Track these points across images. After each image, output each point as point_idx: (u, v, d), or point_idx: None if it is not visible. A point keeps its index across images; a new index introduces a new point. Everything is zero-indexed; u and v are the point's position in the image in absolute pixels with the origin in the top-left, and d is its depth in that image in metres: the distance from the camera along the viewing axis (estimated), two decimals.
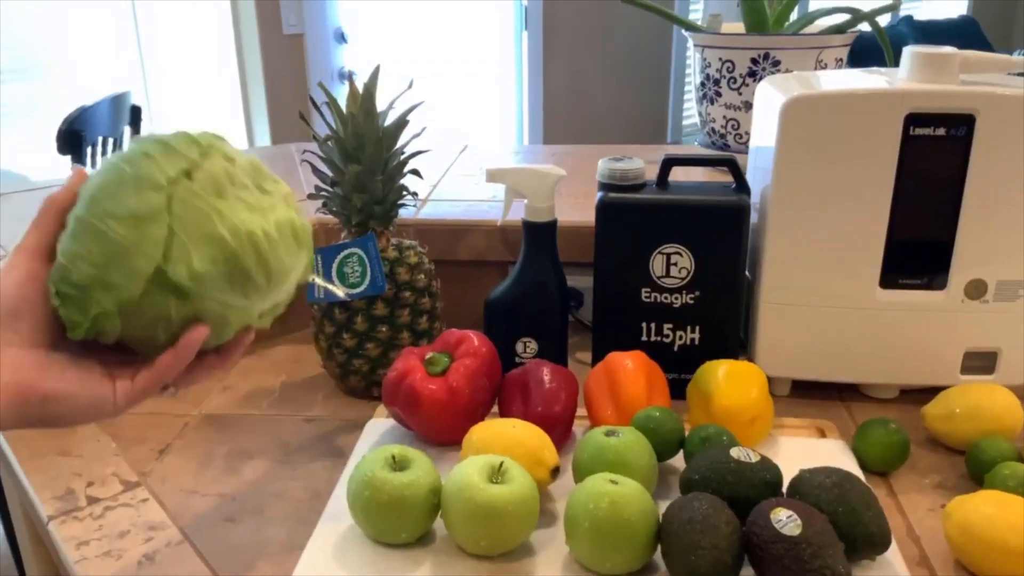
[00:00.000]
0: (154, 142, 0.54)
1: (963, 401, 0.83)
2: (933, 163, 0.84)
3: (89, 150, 2.55)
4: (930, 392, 0.87)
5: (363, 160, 0.86)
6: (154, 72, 3.37)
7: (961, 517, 0.67)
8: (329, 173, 0.90)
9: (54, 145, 2.42)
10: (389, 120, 0.88)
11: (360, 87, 0.86)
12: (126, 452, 0.86)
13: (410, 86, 0.89)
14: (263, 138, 3.24)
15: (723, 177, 0.93)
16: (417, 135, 0.90)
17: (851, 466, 0.79)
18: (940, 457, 0.83)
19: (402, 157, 0.90)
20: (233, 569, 0.69)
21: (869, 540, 0.64)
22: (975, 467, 0.78)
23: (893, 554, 0.67)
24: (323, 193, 0.91)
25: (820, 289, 0.89)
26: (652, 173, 0.92)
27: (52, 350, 0.55)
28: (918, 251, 0.87)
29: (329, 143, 0.87)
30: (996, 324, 0.88)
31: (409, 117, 0.89)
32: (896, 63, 0.90)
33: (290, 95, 3.16)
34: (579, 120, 3.64)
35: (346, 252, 0.89)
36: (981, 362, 0.90)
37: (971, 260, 0.86)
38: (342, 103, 0.87)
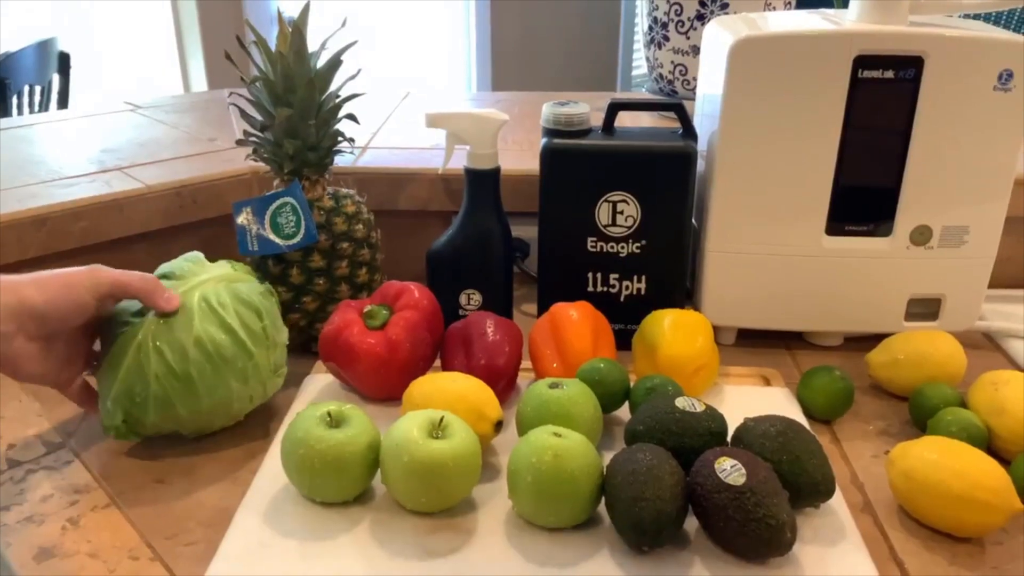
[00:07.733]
0: None
1: (907, 348, 0.83)
2: (881, 107, 0.82)
3: (15, 99, 2.43)
4: (874, 339, 0.87)
5: (294, 103, 0.82)
6: (83, 16, 3.21)
7: (904, 463, 0.67)
8: (259, 117, 0.85)
9: None
10: (322, 61, 0.84)
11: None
12: (50, 413, 0.81)
13: (343, 24, 0.84)
14: (199, 83, 3.11)
15: (671, 124, 0.91)
16: (352, 77, 0.85)
17: (795, 414, 0.78)
18: (884, 404, 0.84)
19: (337, 100, 0.85)
20: (163, 532, 0.66)
21: (813, 488, 0.64)
22: (918, 413, 0.78)
23: (837, 501, 0.67)
24: (253, 139, 0.86)
25: (766, 237, 0.88)
26: (599, 120, 0.89)
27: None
28: (864, 197, 0.86)
29: (257, 84, 0.83)
30: (940, 270, 0.88)
31: (344, 58, 0.85)
32: (845, 5, 0.88)
33: (226, 39, 3.04)
34: (528, 69, 3.58)
35: (279, 202, 0.85)
36: (925, 308, 0.90)
37: (917, 206, 0.85)
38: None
